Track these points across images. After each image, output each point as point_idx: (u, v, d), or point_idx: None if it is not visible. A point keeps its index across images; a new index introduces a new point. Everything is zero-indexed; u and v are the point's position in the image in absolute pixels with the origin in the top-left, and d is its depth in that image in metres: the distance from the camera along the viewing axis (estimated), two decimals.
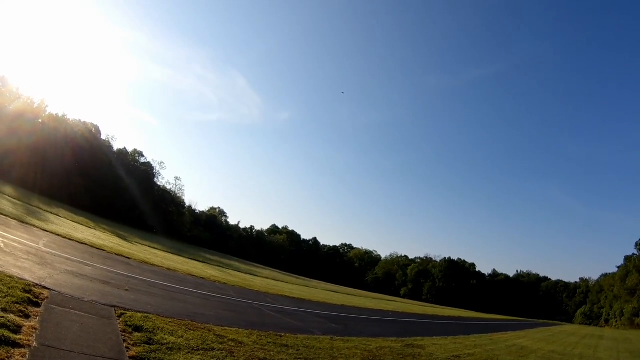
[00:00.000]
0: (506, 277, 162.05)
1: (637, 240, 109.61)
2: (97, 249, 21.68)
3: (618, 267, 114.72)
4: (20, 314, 6.73)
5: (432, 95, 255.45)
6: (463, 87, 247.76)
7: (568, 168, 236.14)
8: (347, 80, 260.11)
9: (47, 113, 73.85)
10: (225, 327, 10.63)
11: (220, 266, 43.28)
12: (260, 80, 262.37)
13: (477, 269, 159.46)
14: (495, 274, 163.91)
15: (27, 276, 9.50)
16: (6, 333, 5.58)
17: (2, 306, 6.71)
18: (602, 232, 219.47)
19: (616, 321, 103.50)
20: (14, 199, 36.63)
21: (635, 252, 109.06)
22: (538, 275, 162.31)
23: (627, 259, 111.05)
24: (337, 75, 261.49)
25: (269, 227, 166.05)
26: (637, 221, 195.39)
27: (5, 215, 21.89)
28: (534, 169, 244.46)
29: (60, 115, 76.35)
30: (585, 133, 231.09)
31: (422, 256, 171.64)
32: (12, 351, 5.16)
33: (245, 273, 44.92)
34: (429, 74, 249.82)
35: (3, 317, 6.19)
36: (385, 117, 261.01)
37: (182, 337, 8.38)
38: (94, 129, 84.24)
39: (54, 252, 15.36)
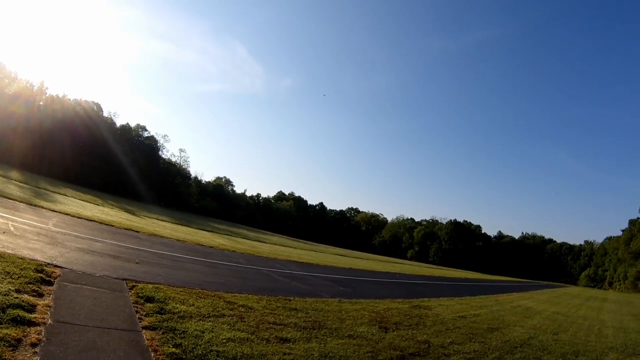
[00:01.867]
0: (511, 239, 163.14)
1: None
2: (106, 225, 21.92)
3: (623, 231, 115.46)
4: (34, 293, 6.90)
5: (436, 58, 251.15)
6: (467, 50, 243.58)
7: (574, 131, 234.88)
8: (349, 45, 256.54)
9: (47, 95, 73.59)
10: (235, 294, 10.87)
11: (228, 235, 43.71)
12: (260, 48, 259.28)
13: (482, 231, 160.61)
14: (500, 236, 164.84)
15: (39, 256, 9.69)
16: (21, 313, 5.75)
17: (16, 287, 6.88)
18: (607, 195, 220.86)
19: (620, 284, 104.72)
20: (21, 182, 36.95)
21: None
22: (543, 237, 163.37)
23: (632, 222, 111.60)
24: (338, 40, 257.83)
25: (275, 194, 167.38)
26: None
27: (13, 199, 22.07)
28: (539, 131, 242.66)
29: (60, 96, 76.09)
30: (592, 97, 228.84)
31: (428, 218, 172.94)
32: (28, 330, 5.33)
33: (253, 240, 45.38)
34: (432, 37, 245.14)
35: (17, 297, 6.37)
36: (389, 82, 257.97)
37: (193, 305, 8.59)
38: (95, 107, 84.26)
39: (63, 231, 15.58)
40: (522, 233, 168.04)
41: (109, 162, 76.95)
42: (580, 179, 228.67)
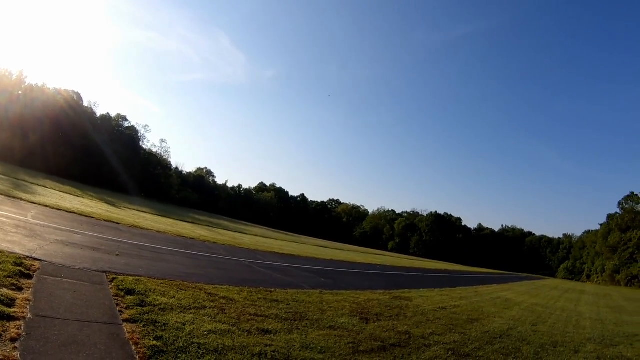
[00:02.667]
0: (491, 231, 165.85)
1: (620, 199, 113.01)
2: (86, 216, 21.67)
3: (601, 225, 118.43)
4: (13, 287, 6.85)
5: (421, 51, 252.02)
6: (452, 44, 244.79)
7: (556, 126, 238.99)
8: (334, 36, 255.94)
9: (26, 84, 72.10)
10: (216, 286, 10.90)
11: (209, 226, 43.52)
12: (244, 38, 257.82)
13: (463, 223, 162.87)
14: (480, 229, 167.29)
15: (18, 249, 9.59)
16: (0, 307, 5.72)
17: None
18: (586, 189, 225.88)
19: (597, 277, 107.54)
20: None
21: (618, 210, 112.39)
22: (523, 230, 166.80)
23: (610, 217, 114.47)
24: (322, 31, 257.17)
25: (256, 185, 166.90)
26: (621, 180, 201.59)
27: None
28: (521, 125, 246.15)
29: (40, 85, 74.63)
30: (574, 92, 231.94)
31: (409, 210, 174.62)
32: (7, 325, 5.29)
33: (235, 232, 45.23)
34: (418, 30, 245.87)
35: None
36: (373, 74, 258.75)
37: (174, 297, 8.60)
38: (75, 97, 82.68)
39: (42, 223, 15.40)
40: (502, 226, 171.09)
41: (89, 152, 75.83)
42: (560, 174, 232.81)
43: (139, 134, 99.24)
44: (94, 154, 76.65)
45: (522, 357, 9.62)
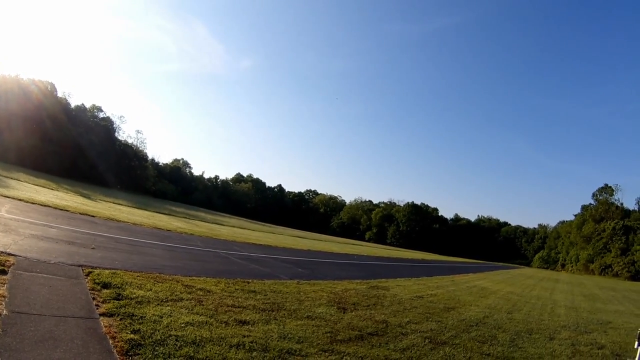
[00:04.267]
0: (468, 221, 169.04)
1: (594, 191, 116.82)
2: (61, 210, 21.40)
3: (575, 216, 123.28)
4: None
5: (395, 43, 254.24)
6: (426, 36, 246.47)
7: (531, 120, 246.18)
8: (310, 27, 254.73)
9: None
10: (193, 277, 10.91)
11: (186, 218, 43.36)
12: (221, 27, 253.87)
13: (439, 214, 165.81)
14: (457, 219, 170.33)
15: None
16: None
17: None
18: (561, 181, 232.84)
19: (572, 266, 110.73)
20: None
21: (592, 202, 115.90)
22: (498, 220, 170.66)
23: (584, 208, 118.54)
24: (299, 22, 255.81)
25: (233, 176, 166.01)
26: (595, 173, 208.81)
27: None
28: (497, 119, 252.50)
29: (13, 75, 72.74)
30: (547, 88, 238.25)
31: (386, 201, 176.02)
32: None
33: (212, 223, 45.17)
34: (394, 22, 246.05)
35: None
36: (348, 65, 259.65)
37: (150, 290, 8.60)
38: (49, 87, 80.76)
39: (16, 217, 15.16)
40: (478, 216, 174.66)
41: (63, 144, 74.31)
42: (536, 166, 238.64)
43: (115, 125, 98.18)
44: (68, 145, 75.16)
45: (498, 344, 9.84)
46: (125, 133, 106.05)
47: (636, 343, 7.55)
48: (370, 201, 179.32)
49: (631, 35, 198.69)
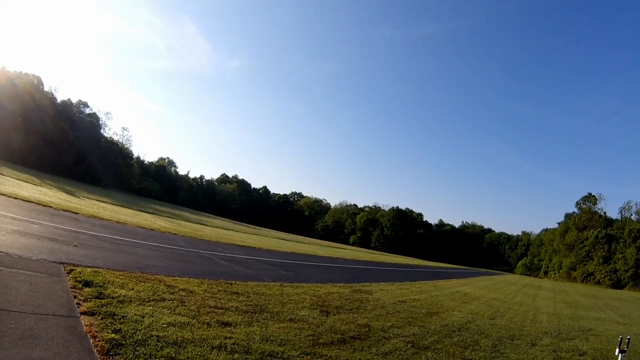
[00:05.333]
0: (452, 227, 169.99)
1: (578, 200, 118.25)
2: (44, 206, 21.19)
3: (558, 224, 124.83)
4: None
5: (383, 48, 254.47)
6: (415, 42, 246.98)
7: (516, 128, 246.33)
8: (299, 30, 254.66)
9: None
10: (176, 278, 10.87)
11: (170, 217, 43.07)
12: (210, 26, 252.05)
13: (424, 219, 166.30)
14: (441, 224, 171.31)
15: None
16: None
17: None
18: (545, 189, 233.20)
19: (554, 273, 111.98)
20: None
21: (576, 210, 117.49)
22: (482, 226, 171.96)
23: (568, 216, 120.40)
24: (289, 23, 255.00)
25: (219, 176, 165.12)
26: (579, 182, 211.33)
27: None
28: (481, 126, 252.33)
29: None
30: (530, 97, 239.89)
31: (370, 205, 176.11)
32: None
33: (196, 223, 44.87)
34: (383, 27, 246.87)
35: None
36: (336, 68, 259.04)
37: (132, 289, 8.55)
38: (36, 81, 79.66)
39: None
40: (462, 222, 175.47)
41: (48, 139, 73.30)
42: (520, 173, 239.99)
43: (100, 122, 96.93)
44: (53, 141, 74.19)
45: (480, 350, 9.93)
46: (111, 130, 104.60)
47: (617, 350, 7.69)
48: (355, 205, 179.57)
49: (616, 45, 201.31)
